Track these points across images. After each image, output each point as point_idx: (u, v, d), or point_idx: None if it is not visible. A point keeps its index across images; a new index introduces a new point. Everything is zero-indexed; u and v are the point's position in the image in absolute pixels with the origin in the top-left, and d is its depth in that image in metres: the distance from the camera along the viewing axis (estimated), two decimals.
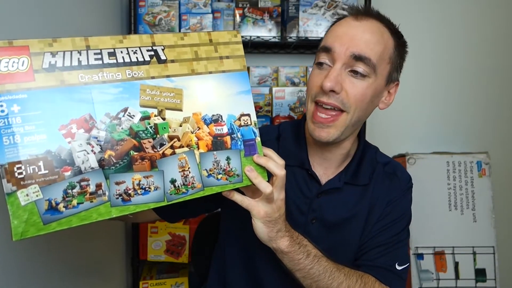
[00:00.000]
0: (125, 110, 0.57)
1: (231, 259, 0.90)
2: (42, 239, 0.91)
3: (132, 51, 0.58)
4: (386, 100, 0.83)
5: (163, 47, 0.61)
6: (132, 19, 1.51)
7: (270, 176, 0.68)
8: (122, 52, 0.57)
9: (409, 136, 1.79)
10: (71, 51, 0.54)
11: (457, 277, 1.61)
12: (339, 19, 0.81)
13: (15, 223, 0.48)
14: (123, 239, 1.63)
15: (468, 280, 1.61)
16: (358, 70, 0.74)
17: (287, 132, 0.89)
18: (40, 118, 0.50)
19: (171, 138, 0.60)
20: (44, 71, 0.52)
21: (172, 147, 0.60)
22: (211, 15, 1.55)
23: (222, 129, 0.64)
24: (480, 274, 1.61)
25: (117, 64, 0.57)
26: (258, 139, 0.67)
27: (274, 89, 1.65)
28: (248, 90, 0.67)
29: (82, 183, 0.52)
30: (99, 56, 0.56)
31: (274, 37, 1.58)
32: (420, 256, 1.61)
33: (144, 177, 0.57)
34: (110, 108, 0.55)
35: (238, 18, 1.58)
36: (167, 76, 0.60)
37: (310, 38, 1.56)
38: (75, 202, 0.52)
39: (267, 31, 1.58)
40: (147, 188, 0.57)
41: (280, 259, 0.73)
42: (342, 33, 0.75)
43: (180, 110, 0.61)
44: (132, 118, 0.57)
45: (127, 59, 0.58)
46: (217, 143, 0.64)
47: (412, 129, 1.80)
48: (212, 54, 0.64)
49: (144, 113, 0.58)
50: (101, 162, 0.54)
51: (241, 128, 0.66)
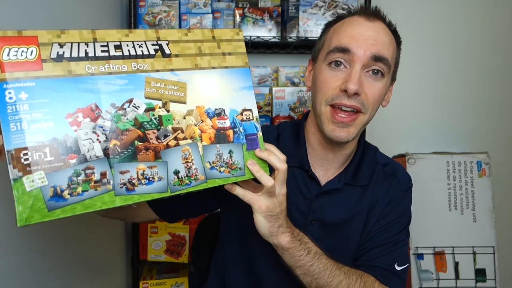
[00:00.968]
0: (130, 101, 0.57)
1: (231, 259, 0.90)
2: (42, 239, 0.91)
3: (137, 44, 0.59)
4: (388, 98, 0.85)
5: (167, 42, 0.62)
6: (132, 19, 1.52)
7: (271, 170, 0.68)
8: (128, 45, 0.58)
9: (409, 136, 1.79)
10: (78, 43, 0.55)
11: (457, 277, 1.61)
12: (341, 18, 0.82)
13: (20, 208, 0.48)
14: (123, 239, 1.63)
15: (468, 280, 1.61)
16: (380, 70, 0.75)
17: (286, 132, 0.89)
18: (47, 106, 0.51)
19: (175, 130, 0.61)
20: (52, 60, 0.52)
21: (176, 138, 0.61)
22: (211, 15, 1.56)
23: (224, 122, 0.65)
24: (480, 274, 1.61)
25: (123, 57, 0.58)
26: (260, 133, 0.68)
27: (274, 89, 1.65)
28: (250, 86, 0.68)
29: (87, 171, 0.53)
30: (106, 48, 0.56)
31: (274, 37, 1.58)
32: (420, 256, 1.61)
33: (148, 167, 0.57)
34: (116, 98, 0.56)
35: (238, 18, 1.59)
36: (172, 69, 0.61)
37: (310, 38, 1.56)
38: (80, 189, 0.52)
39: (267, 31, 1.59)
40: (151, 178, 0.58)
41: (280, 256, 0.73)
42: (358, 34, 0.76)
43: (184, 103, 0.62)
44: (137, 109, 0.58)
45: (132, 52, 0.58)
46: (220, 136, 0.64)
47: (412, 129, 1.80)
48: (215, 50, 0.65)
49: (148, 104, 0.59)
50: (106, 151, 0.55)
51: (243, 122, 0.66)
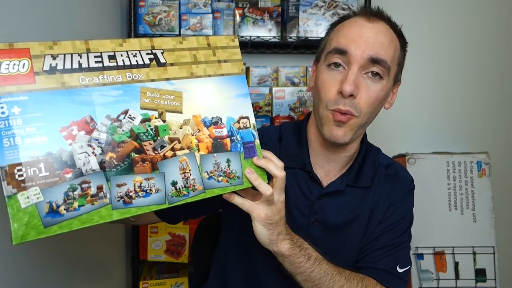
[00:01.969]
0: (125, 112, 0.57)
1: (231, 260, 0.90)
2: (42, 240, 0.91)
3: (132, 54, 0.58)
4: (391, 100, 0.83)
5: (162, 51, 0.61)
6: (132, 19, 1.51)
7: (270, 178, 0.67)
8: (122, 55, 0.57)
9: (409, 136, 1.79)
10: (71, 54, 0.54)
11: (457, 277, 1.61)
12: (345, 18, 0.80)
13: (15, 226, 0.48)
14: (123, 239, 1.63)
15: (468, 280, 1.61)
16: (377, 72, 0.74)
17: (288, 133, 0.88)
18: (41, 120, 0.50)
19: (171, 140, 0.60)
20: (45, 73, 0.52)
21: (172, 149, 0.60)
22: (211, 15, 1.55)
23: (221, 131, 0.64)
24: (480, 274, 1.61)
25: (117, 67, 0.57)
26: (257, 141, 0.67)
27: (274, 89, 1.64)
28: (246, 93, 0.67)
29: (83, 185, 0.52)
30: (100, 59, 0.56)
31: (274, 37, 1.57)
32: (420, 256, 1.61)
33: (145, 179, 0.57)
34: (111, 110, 0.55)
35: (238, 18, 1.58)
36: (167, 79, 0.60)
37: (310, 38, 1.55)
38: (76, 204, 0.51)
39: (267, 31, 1.58)
40: (148, 191, 0.57)
41: (281, 263, 0.73)
42: (356, 35, 0.74)
43: (180, 112, 0.61)
44: (133, 120, 0.57)
45: (127, 62, 0.58)
46: (217, 145, 0.64)
47: (412, 129, 1.80)
48: (210, 57, 0.64)
49: (144, 115, 0.58)
50: (102, 164, 0.54)
51: (240, 130, 0.66)
